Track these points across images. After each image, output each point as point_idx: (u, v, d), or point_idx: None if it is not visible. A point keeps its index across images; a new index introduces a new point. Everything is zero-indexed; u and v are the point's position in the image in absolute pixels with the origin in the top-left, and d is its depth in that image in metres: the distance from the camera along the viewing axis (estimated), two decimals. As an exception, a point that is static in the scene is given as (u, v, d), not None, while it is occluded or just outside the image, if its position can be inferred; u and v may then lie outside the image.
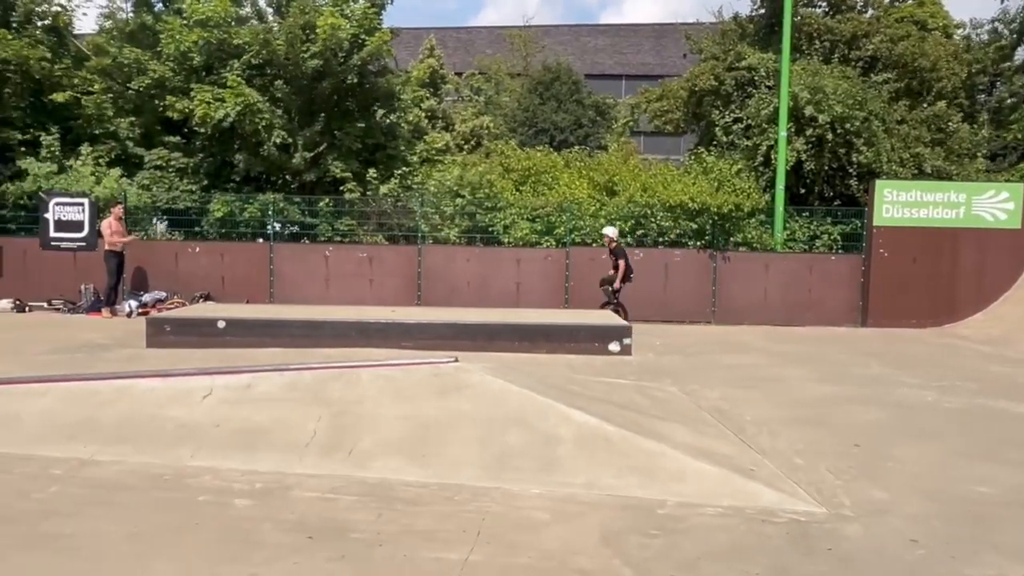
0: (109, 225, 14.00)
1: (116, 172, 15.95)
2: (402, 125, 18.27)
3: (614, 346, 10.23)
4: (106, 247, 14.00)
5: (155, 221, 16.26)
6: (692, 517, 4.42)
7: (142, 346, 10.17)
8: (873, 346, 12.10)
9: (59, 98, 16.36)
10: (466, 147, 24.94)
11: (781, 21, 16.05)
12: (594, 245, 15.00)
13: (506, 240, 15.34)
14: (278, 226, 15.87)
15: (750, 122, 16.73)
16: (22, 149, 16.15)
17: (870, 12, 19.84)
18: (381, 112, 17.49)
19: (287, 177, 16.79)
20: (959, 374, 9.62)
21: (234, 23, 16.62)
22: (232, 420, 5.58)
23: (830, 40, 18.32)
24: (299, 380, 6.01)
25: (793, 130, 15.69)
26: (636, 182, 15.74)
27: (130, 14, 18.17)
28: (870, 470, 5.42)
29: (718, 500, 4.65)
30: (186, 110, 15.88)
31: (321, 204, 15.95)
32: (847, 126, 15.61)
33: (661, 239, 15.14)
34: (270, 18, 17.99)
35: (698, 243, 15.04)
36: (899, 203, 14.55)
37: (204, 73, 16.43)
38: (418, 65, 22.80)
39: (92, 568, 3.67)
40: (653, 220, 15.14)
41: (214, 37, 16.04)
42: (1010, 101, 21.66)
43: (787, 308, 14.76)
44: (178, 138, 16.97)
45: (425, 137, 19.31)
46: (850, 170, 15.97)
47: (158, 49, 16.52)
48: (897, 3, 20.32)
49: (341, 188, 16.31)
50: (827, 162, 15.96)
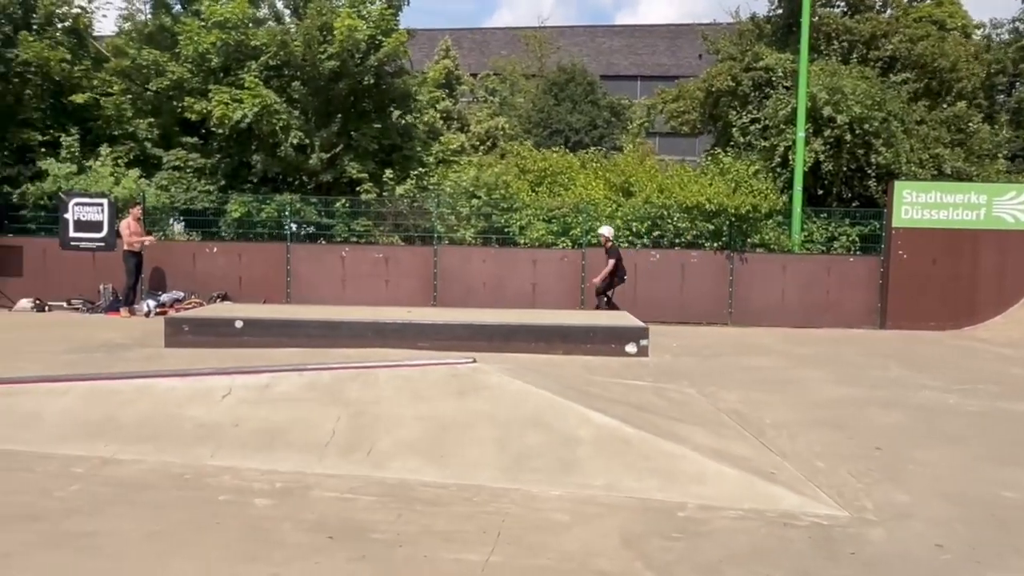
0: (128, 225, 14.10)
1: (135, 173, 16.05)
2: (418, 126, 18.30)
3: (631, 347, 10.20)
4: (125, 247, 14.11)
5: (172, 221, 16.35)
6: (713, 520, 4.39)
7: (161, 346, 10.23)
8: (892, 348, 12.00)
9: (79, 99, 16.48)
10: (481, 148, 24.96)
11: (799, 21, 15.96)
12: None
13: (522, 241, 15.33)
14: (295, 227, 15.93)
15: (767, 123, 16.64)
16: (42, 150, 16.27)
17: (888, 12, 19.69)
18: (397, 113, 17.52)
19: (304, 178, 16.84)
20: (979, 377, 9.52)
21: (252, 24, 16.68)
22: (251, 420, 5.60)
23: (848, 40, 18.19)
24: (317, 380, 6.03)
25: (811, 131, 15.59)
26: (653, 183, 15.69)
27: (149, 16, 18.28)
28: (892, 473, 5.37)
29: (739, 503, 4.62)
30: (204, 111, 15.96)
31: (338, 205, 16.00)
32: (866, 127, 15.48)
33: (678, 240, 15.08)
34: (287, 19, 18.05)
35: (715, 244, 14.96)
36: (918, 204, 14.42)
37: (222, 74, 16.50)
38: (434, 66, 22.83)
39: (114, 566, 3.68)
40: (670, 221, 15.08)
41: (232, 38, 16.11)
42: (1031, 101, 21.45)
43: (805, 310, 14.67)
44: (196, 139, 17.04)
45: (440, 138, 19.32)
46: (869, 171, 15.84)
47: (176, 50, 16.61)
48: (915, 3, 20.16)
49: (357, 189, 16.34)
50: (845, 163, 15.84)
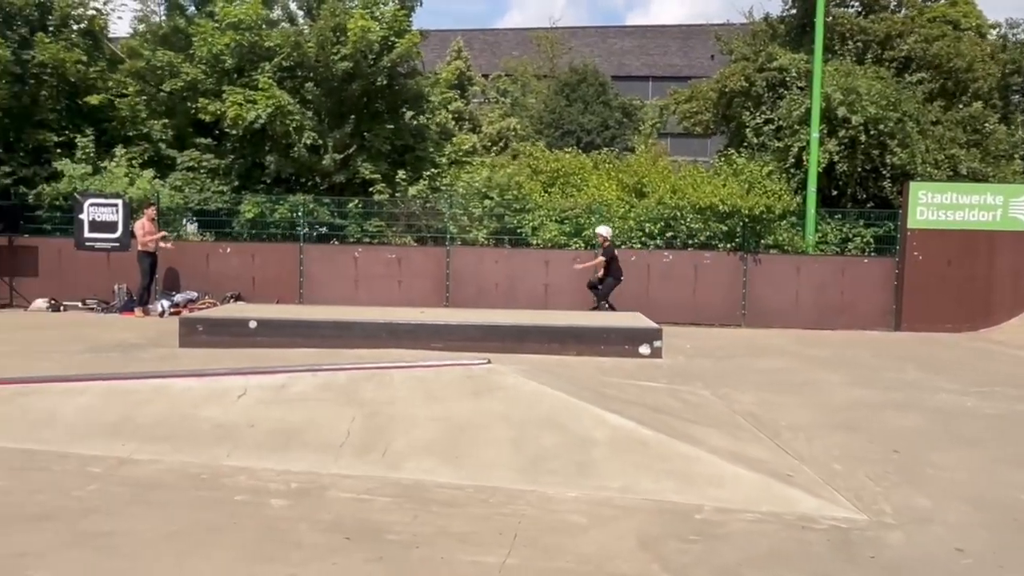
0: (142, 226, 14.16)
1: (149, 173, 16.13)
2: (430, 127, 18.32)
3: (644, 349, 10.16)
4: (139, 247, 14.18)
5: (184, 222, 16.41)
6: (730, 523, 4.37)
7: (175, 346, 10.26)
8: (908, 350, 11.92)
9: (94, 100, 16.59)
10: (494, 149, 24.96)
11: (813, 21, 15.87)
12: (623, 247, 14.94)
13: (535, 242, 15.32)
14: (308, 227, 15.97)
15: (781, 123, 16.56)
16: (58, 151, 16.38)
17: (903, 12, 19.56)
18: (410, 114, 17.54)
19: (317, 178, 16.88)
20: (996, 379, 9.44)
21: (265, 26, 16.75)
22: (267, 420, 5.61)
23: (863, 40, 18.08)
24: (332, 381, 6.04)
25: (825, 131, 15.50)
26: (666, 184, 15.64)
27: (163, 18, 18.38)
28: (910, 477, 5.32)
29: (756, 506, 4.59)
30: (218, 112, 16.03)
31: (350, 205, 16.02)
32: (881, 127, 15.38)
33: (691, 241, 15.03)
34: (301, 21, 18.12)
35: (728, 245, 14.89)
36: (934, 205, 14.31)
37: (236, 75, 16.57)
38: (446, 67, 22.85)
39: (132, 566, 3.69)
40: (683, 222, 15.03)
41: (246, 40, 16.17)
42: (1048, 102, 21.25)
43: (819, 311, 14.58)
44: (209, 140, 17.12)
45: (452, 139, 19.34)
46: (883, 172, 15.74)
47: (190, 52, 16.69)
48: (929, 3, 20.03)
49: (370, 189, 16.37)
50: (860, 164, 15.75)
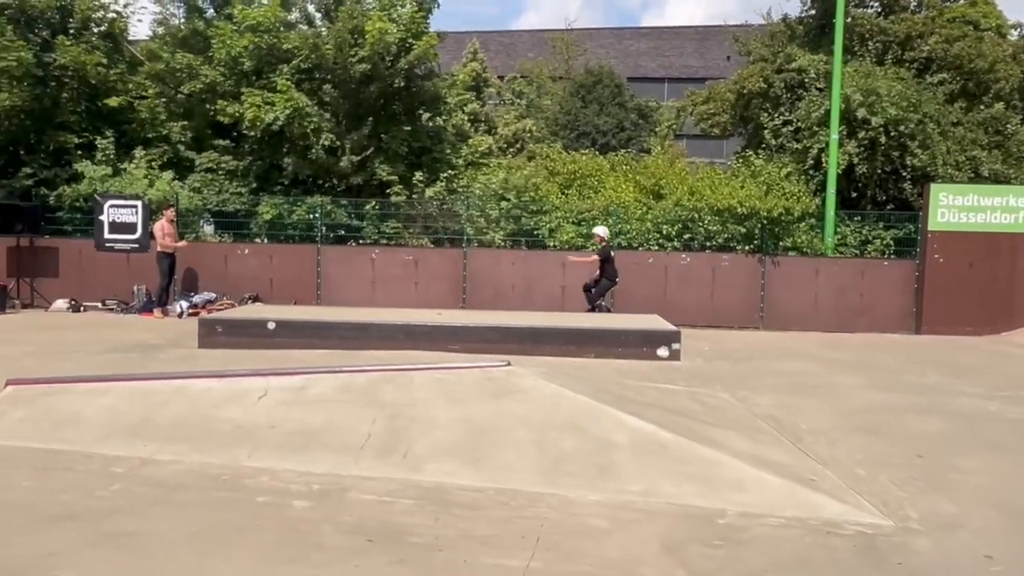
0: (161, 227, 14.26)
1: (168, 175, 16.25)
2: (447, 129, 18.34)
3: (662, 351, 10.13)
4: (158, 249, 14.27)
5: (202, 223, 16.51)
6: (754, 527, 4.33)
7: (194, 346, 10.33)
8: (928, 353, 11.81)
9: (113, 103, 16.72)
10: (510, 151, 24.96)
11: (832, 22, 15.78)
12: (640, 249, 14.92)
13: (551, 243, 15.30)
14: (325, 228, 16.03)
15: (800, 125, 16.45)
16: (78, 152, 16.53)
17: (923, 12, 19.39)
18: (427, 115, 17.57)
19: (334, 180, 16.93)
20: (1020, 383, 9.34)
21: (283, 28, 16.85)
22: (287, 421, 5.61)
23: (883, 41, 17.94)
24: (352, 382, 6.04)
25: (845, 133, 15.38)
26: (683, 185, 15.58)
27: (182, 20, 18.51)
28: (935, 482, 5.26)
29: (780, 510, 4.55)
30: (236, 114, 16.14)
31: (368, 207, 16.06)
32: (901, 128, 15.25)
33: (709, 243, 14.96)
34: (319, 23, 18.19)
35: (746, 247, 14.82)
36: (955, 207, 14.17)
37: (254, 77, 16.67)
38: (462, 69, 22.89)
39: (155, 566, 3.70)
40: (701, 224, 14.97)
41: (264, 42, 16.27)
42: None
43: (838, 314, 14.47)
44: (228, 142, 17.22)
45: (469, 140, 19.35)
46: (904, 173, 15.60)
47: (209, 54, 16.81)
48: (949, 3, 19.85)
49: (387, 191, 16.41)
50: (880, 165, 15.62)
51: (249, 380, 6.11)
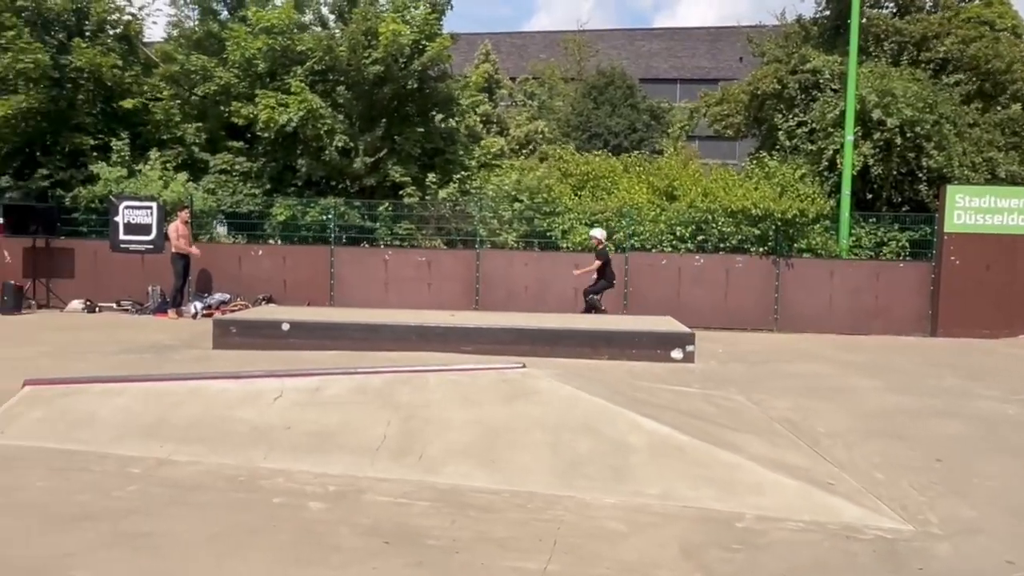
0: (176, 229, 14.33)
1: (183, 176, 16.32)
2: (460, 130, 18.35)
3: (676, 353, 10.09)
4: (173, 250, 14.33)
5: (215, 224, 16.57)
6: (772, 531, 4.29)
7: (208, 347, 10.37)
8: (945, 356, 11.71)
9: (128, 104, 16.79)
10: (522, 152, 24.94)
11: (847, 23, 15.68)
12: (653, 251, 14.87)
13: (564, 245, 15.27)
14: (338, 229, 16.06)
15: (815, 126, 16.36)
16: (94, 154, 16.61)
17: (939, 13, 19.26)
18: (440, 117, 17.59)
19: (348, 181, 16.96)
20: (1040, 387, 9.24)
21: (297, 30, 16.90)
22: (303, 422, 5.62)
23: (898, 42, 17.83)
24: (367, 384, 6.04)
25: (860, 134, 15.28)
26: (697, 187, 15.53)
27: (197, 22, 18.60)
28: (955, 486, 5.21)
29: (799, 514, 4.51)
30: (250, 115, 16.20)
31: (381, 208, 16.10)
32: (917, 129, 15.13)
33: (722, 245, 14.90)
34: (332, 25, 18.23)
35: (761, 249, 14.75)
36: (971, 209, 14.05)
37: (268, 79, 16.73)
38: (475, 70, 22.87)
39: (172, 567, 3.70)
40: (714, 226, 14.91)
41: (278, 44, 16.33)
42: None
43: (853, 316, 14.38)
44: (242, 143, 17.28)
45: (481, 142, 19.35)
46: (920, 175, 15.48)
47: (224, 56, 16.89)
48: (964, 3, 19.70)
49: (400, 192, 16.43)
50: (895, 167, 15.51)
51: (264, 381, 6.12)
